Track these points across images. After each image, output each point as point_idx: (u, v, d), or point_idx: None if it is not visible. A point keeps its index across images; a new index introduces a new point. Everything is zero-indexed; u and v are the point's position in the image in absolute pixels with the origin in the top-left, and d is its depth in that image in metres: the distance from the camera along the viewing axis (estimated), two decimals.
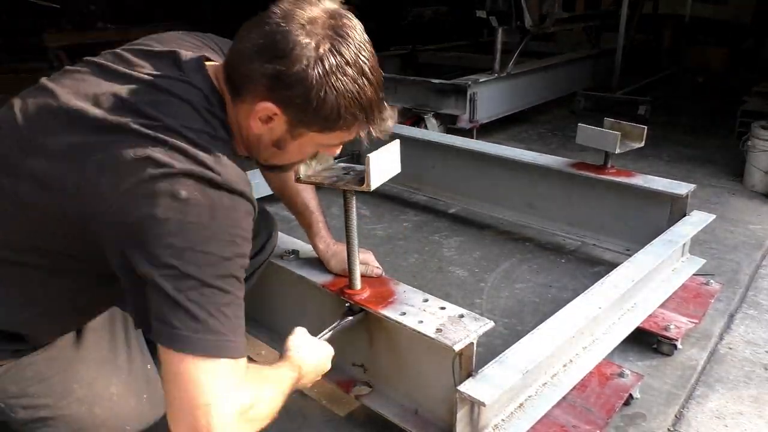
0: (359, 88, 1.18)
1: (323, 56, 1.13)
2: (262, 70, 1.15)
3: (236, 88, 1.22)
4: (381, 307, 1.78)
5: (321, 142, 1.29)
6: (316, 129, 1.22)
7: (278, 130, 1.23)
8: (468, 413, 1.71)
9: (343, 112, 1.18)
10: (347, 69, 1.16)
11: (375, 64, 1.22)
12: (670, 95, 6.93)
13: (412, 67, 6.86)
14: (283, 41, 1.13)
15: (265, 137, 1.26)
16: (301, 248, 2.14)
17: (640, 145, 2.90)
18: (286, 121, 1.21)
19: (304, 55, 1.12)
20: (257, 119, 1.21)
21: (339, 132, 1.24)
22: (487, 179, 3.45)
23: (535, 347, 1.82)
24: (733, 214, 3.72)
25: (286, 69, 1.13)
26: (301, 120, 1.20)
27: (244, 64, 1.18)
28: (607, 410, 1.91)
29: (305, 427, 2.06)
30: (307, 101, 1.16)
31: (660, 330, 2.34)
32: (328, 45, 1.14)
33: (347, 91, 1.16)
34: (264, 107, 1.18)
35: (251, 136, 1.26)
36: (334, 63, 1.14)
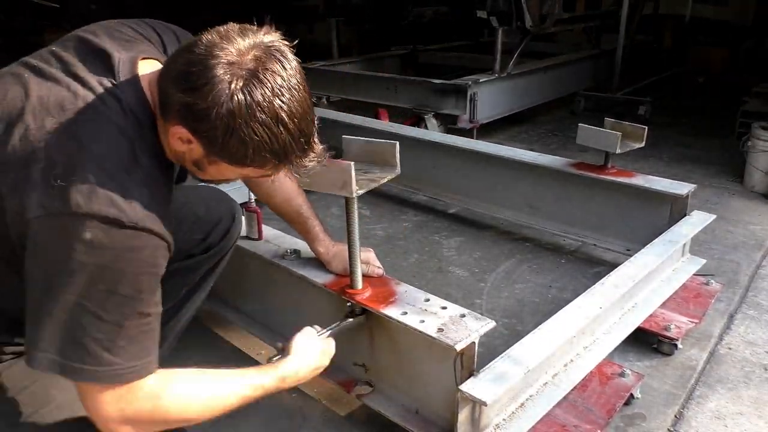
0: (270, 135, 1.14)
1: (233, 96, 1.10)
2: (177, 98, 1.14)
3: (161, 106, 1.21)
4: (382, 306, 1.78)
5: (239, 173, 1.28)
6: (226, 161, 1.21)
7: (195, 153, 1.22)
8: (469, 413, 1.72)
9: (251, 154, 1.16)
10: (258, 113, 1.11)
11: (297, 108, 1.16)
12: (671, 96, 6.94)
13: (412, 67, 6.87)
14: (199, 74, 1.11)
15: (186, 156, 1.24)
16: (302, 248, 2.14)
17: (641, 145, 2.90)
18: (201, 146, 1.19)
19: (214, 93, 1.10)
20: (176, 138, 1.20)
21: (251, 169, 1.23)
22: (487, 179, 3.45)
23: (536, 347, 1.82)
24: (733, 214, 3.72)
25: (195, 103, 1.11)
26: (211, 151, 1.19)
27: (166, 87, 1.17)
28: (607, 410, 1.92)
29: (305, 427, 2.06)
30: (213, 137, 1.14)
31: (660, 330, 2.34)
32: (241, 85, 1.10)
33: (256, 135, 1.13)
34: (179, 131, 1.17)
35: (175, 152, 1.25)
36: (243, 104, 1.10)
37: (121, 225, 1.11)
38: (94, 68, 1.24)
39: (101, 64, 1.25)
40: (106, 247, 1.11)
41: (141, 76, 1.26)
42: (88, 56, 1.26)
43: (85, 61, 1.25)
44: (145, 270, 1.16)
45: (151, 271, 1.18)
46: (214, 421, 2.03)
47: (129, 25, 1.40)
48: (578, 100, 6.28)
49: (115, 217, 1.11)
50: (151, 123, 1.24)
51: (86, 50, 1.27)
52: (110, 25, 1.38)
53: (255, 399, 1.45)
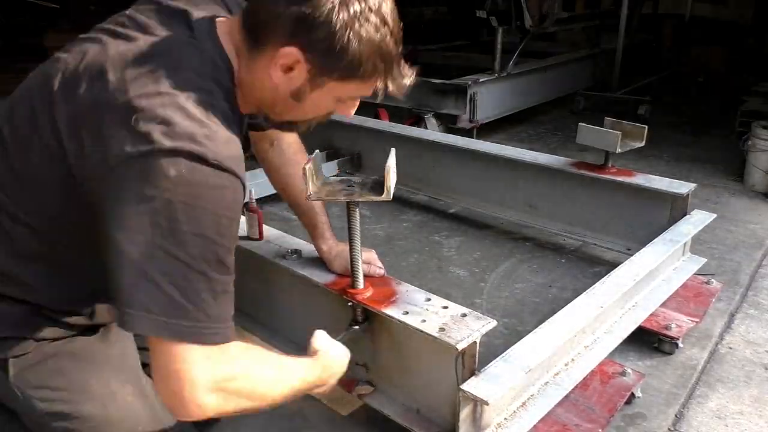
0: (381, 37, 1.17)
1: (348, 1, 1.12)
2: (287, 12, 1.13)
3: (256, 35, 1.20)
4: (384, 306, 1.78)
5: (339, 95, 1.26)
6: (336, 77, 1.20)
7: (298, 79, 1.21)
8: (471, 412, 1.72)
9: (365, 60, 1.17)
10: (371, 16, 1.14)
11: (396, 17, 1.21)
12: (670, 95, 6.94)
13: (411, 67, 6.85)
14: None
15: (283, 88, 1.23)
16: (303, 248, 2.14)
17: (641, 144, 2.90)
18: (307, 70, 1.19)
19: None
20: (278, 68, 1.19)
21: (358, 82, 1.22)
22: (487, 179, 3.46)
23: (537, 346, 1.82)
24: (733, 213, 3.73)
25: (311, 12, 1.12)
26: (323, 66, 1.18)
27: (265, 7, 1.17)
28: (609, 409, 1.92)
29: (305, 427, 2.06)
30: (330, 45, 1.14)
31: (661, 329, 2.35)
32: None
33: (370, 38, 1.15)
34: (286, 53, 1.16)
35: (267, 89, 1.24)
36: (358, 9, 1.13)
37: (206, 162, 1.08)
38: (170, 25, 1.24)
39: (178, 22, 1.25)
40: (192, 183, 1.07)
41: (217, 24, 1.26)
42: (164, 16, 1.26)
43: (161, 21, 1.25)
44: (225, 212, 1.12)
45: (230, 215, 1.14)
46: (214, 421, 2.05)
47: None
48: (578, 100, 6.28)
49: (201, 154, 1.08)
50: (229, 73, 1.23)
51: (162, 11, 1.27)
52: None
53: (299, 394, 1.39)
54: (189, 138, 1.08)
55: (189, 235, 1.07)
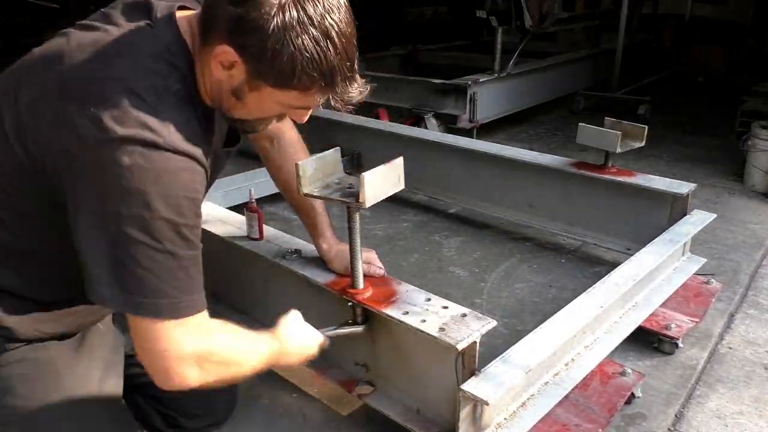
0: (320, 50, 1.13)
1: (285, 8, 1.10)
2: (226, 12, 1.13)
3: (203, 30, 1.21)
4: (384, 306, 1.78)
5: (280, 101, 1.24)
6: (271, 83, 1.18)
7: (237, 78, 1.20)
8: (471, 412, 1.72)
9: (299, 71, 1.14)
10: (310, 28, 1.11)
11: (345, 30, 1.16)
12: (670, 95, 6.94)
13: (412, 67, 6.87)
14: None
15: (225, 84, 1.23)
16: (303, 248, 2.14)
17: (641, 144, 2.90)
18: (244, 70, 1.18)
19: (267, 4, 1.10)
20: (218, 63, 1.19)
21: (296, 92, 1.19)
22: (487, 179, 3.45)
23: (537, 346, 1.82)
24: (733, 213, 3.73)
25: (246, 14, 1.10)
26: (257, 70, 1.17)
27: (213, 5, 1.17)
28: (609, 409, 1.92)
29: (305, 427, 2.06)
30: (262, 50, 1.12)
31: (661, 329, 2.35)
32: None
33: (305, 49, 1.12)
34: (223, 50, 1.16)
35: (213, 83, 1.25)
36: (295, 17, 1.10)
37: (158, 147, 1.11)
38: (131, 16, 1.26)
39: (140, 12, 1.26)
40: (145, 169, 1.10)
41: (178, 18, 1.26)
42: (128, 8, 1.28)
43: (124, 12, 1.27)
44: (184, 193, 1.15)
45: (190, 196, 1.16)
46: None
47: None
48: (578, 100, 6.29)
49: (152, 140, 1.10)
50: (186, 60, 1.24)
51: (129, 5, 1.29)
52: None
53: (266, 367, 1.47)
54: (141, 124, 1.11)
55: (151, 220, 1.11)
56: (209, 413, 1.90)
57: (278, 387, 2.19)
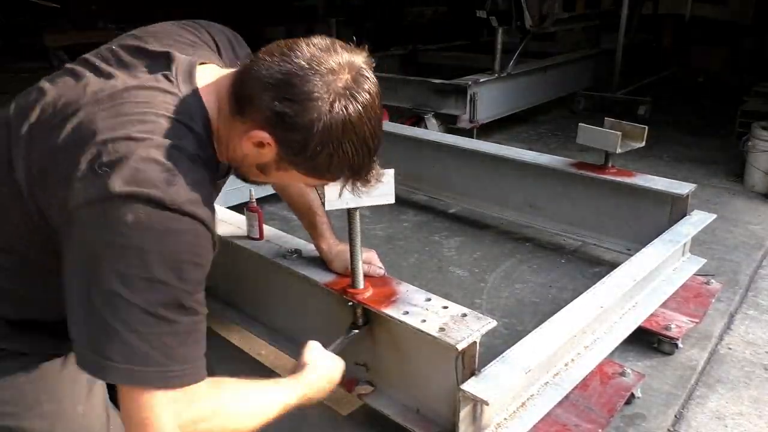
0: (355, 152, 1.16)
1: (333, 114, 1.11)
2: (271, 105, 1.12)
3: (240, 105, 1.19)
4: (384, 306, 1.78)
5: (303, 180, 1.28)
6: (302, 171, 1.21)
7: (266, 157, 1.20)
8: (471, 412, 1.72)
9: (333, 169, 1.18)
10: (350, 133, 1.14)
11: (378, 130, 1.20)
12: (670, 95, 6.94)
13: (412, 67, 6.87)
14: (301, 86, 1.11)
15: (251, 158, 1.23)
16: (303, 248, 2.14)
17: (641, 144, 2.90)
18: (276, 153, 1.18)
19: (316, 108, 1.10)
20: (249, 142, 1.18)
21: (323, 180, 1.26)
22: (487, 179, 3.46)
23: (537, 346, 1.82)
24: (733, 214, 3.73)
25: (294, 114, 1.11)
26: (290, 160, 1.18)
27: (254, 89, 1.15)
28: (608, 409, 1.92)
29: (305, 427, 2.06)
30: (303, 149, 1.14)
31: (661, 329, 2.35)
32: (342, 105, 1.12)
33: (344, 152, 1.15)
34: (260, 136, 1.15)
35: (238, 153, 1.23)
36: (340, 122, 1.12)
37: (163, 206, 1.07)
38: (152, 68, 1.23)
39: (159, 64, 1.24)
40: (148, 228, 1.06)
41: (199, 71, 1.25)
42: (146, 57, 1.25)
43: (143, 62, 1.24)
44: (186, 257, 1.11)
45: (193, 260, 1.12)
46: None
47: (186, 27, 1.39)
48: (578, 100, 6.29)
49: (158, 198, 1.07)
50: (202, 116, 1.22)
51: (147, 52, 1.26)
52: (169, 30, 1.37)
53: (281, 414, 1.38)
54: (147, 183, 1.07)
55: (146, 282, 1.06)
56: None
57: None
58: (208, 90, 1.23)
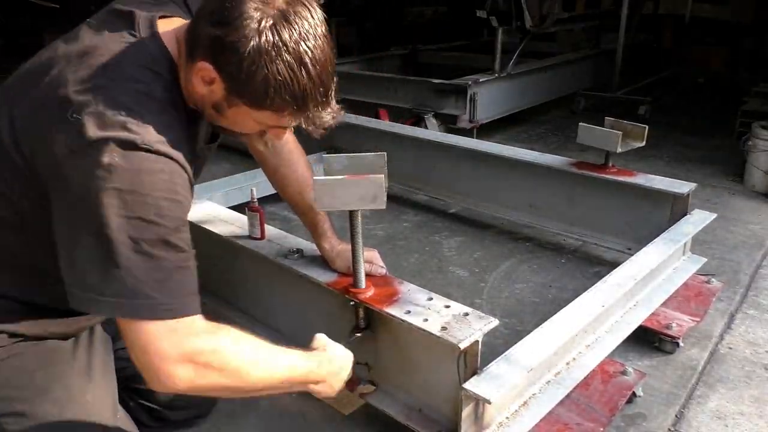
0: (292, 75, 1.17)
1: (262, 33, 1.14)
2: (207, 31, 1.18)
3: (189, 46, 1.25)
4: (386, 305, 1.78)
5: (256, 119, 1.29)
6: (247, 102, 1.23)
7: (217, 93, 1.24)
8: (473, 411, 1.72)
9: (272, 93, 1.19)
10: (284, 54, 1.16)
11: (320, 57, 1.20)
12: (670, 95, 6.94)
13: (412, 67, 6.87)
14: (232, 9, 1.15)
15: (206, 98, 1.27)
16: (305, 247, 2.14)
17: (641, 144, 2.91)
18: (223, 88, 1.22)
19: (246, 27, 1.14)
20: (200, 79, 1.23)
21: (269, 112, 1.24)
22: (487, 179, 3.46)
23: (539, 345, 1.83)
24: (733, 214, 3.73)
25: (225, 35, 1.16)
26: (234, 89, 1.21)
27: (197, 23, 1.22)
28: (610, 408, 1.92)
29: (305, 427, 2.06)
30: (238, 71, 1.17)
31: (662, 328, 2.35)
32: (271, 23, 1.15)
33: (278, 73, 1.16)
34: (203, 66, 1.20)
35: (196, 95, 1.28)
36: (270, 42, 1.15)
37: (135, 146, 1.14)
38: (115, 26, 1.30)
39: (123, 21, 1.30)
40: (123, 169, 1.12)
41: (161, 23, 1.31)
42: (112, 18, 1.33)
43: (109, 22, 1.32)
44: (163, 195, 1.17)
45: (170, 198, 1.18)
46: (217, 419, 2.06)
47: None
48: (578, 100, 6.29)
49: (130, 139, 1.13)
50: (169, 67, 1.28)
51: (113, 15, 1.34)
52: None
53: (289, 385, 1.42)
54: (119, 126, 1.14)
55: (129, 220, 1.13)
56: (192, 404, 1.90)
57: None
58: (168, 37, 1.30)
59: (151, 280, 1.15)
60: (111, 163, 1.12)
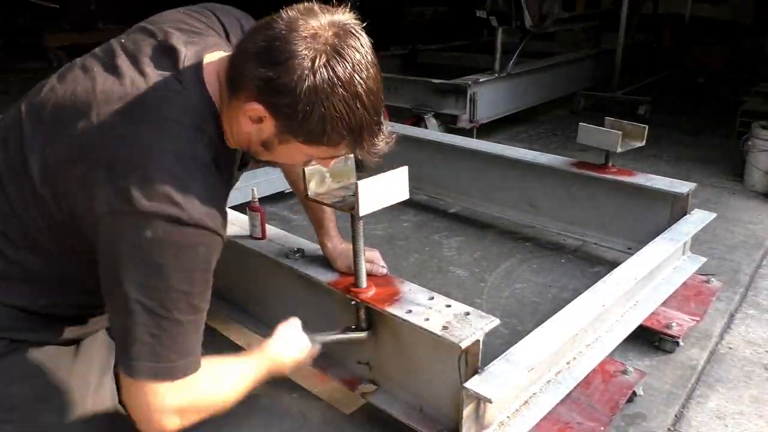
0: (349, 110, 1.16)
1: (317, 72, 1.11)
2: (256, 73, 1.15)
3: (233, 84, 1.22)
4: (387, 305, 1.78)
5: (308, 153, 1.28)
6: (301, 140, 1.21)
7: (266, 132, 1.23)
8: (474, 410, 1.72)
9: (329, 130, 1.17)
10: (338, 89, 1.13)
11: (373, 86, 1.20)
12: (670, 95, 6.95)
13: (412, 67, 6.87)
14: (281, 49, 1.12)
15: (254, 136, 1.26)
16: (306, 247, 2.15)
17: (641, 144, 2.91)
18: (274, 125, 1.20)
19: (298, 67, 1.11)
20: (247, 118, 1.21)
21: (325, 147, 1.23)
22: (487, 179, 3.46)
23: (540, 345, 1.83)
24: (733, 214, 3.73)
25: (277, 77, 1.13)
26: (287, 128, 1.19)
27: (242, 63, 1.19)
28: (611, 407, 1.93)
29: (305, 427, 2.06)
30: (293, 111, 1.15)
31: (662, 327, 2.35)
32: (324, 61, 1.12)
33: (336, 110, 1.15)
34: (253, 108, 1.18)
35: (242, 134, 1.27)
36: (326, 79, 1.12)
37: (181, 223, 1.14)
38: (159, 63, 1.26)
39: (168, 59, 1.27)
40: (166, 244, 1.14)
41: (205, 65, 1.27)
42: (155, 51, 1.28)
43: (151, 57, 1.27)
44: (199, 267, 1.19)
45: (204, 268, 1.20)
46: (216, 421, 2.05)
47: (193, 14, 1.41)
48: (578, 100, 6.29)
49: (176, 216, 1.13)
50: (212, 113, 1.26)
51: (154, 45, 1.30)
52: (177, 18, 1.39)
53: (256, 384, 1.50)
54: (166, 199, 1.13)
55: (164, 292, 1.15)
56: None
57: (278, 387, 2.20)
58: (212, 83, 1.27)
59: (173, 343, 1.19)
60: (154, 238, 1.12)
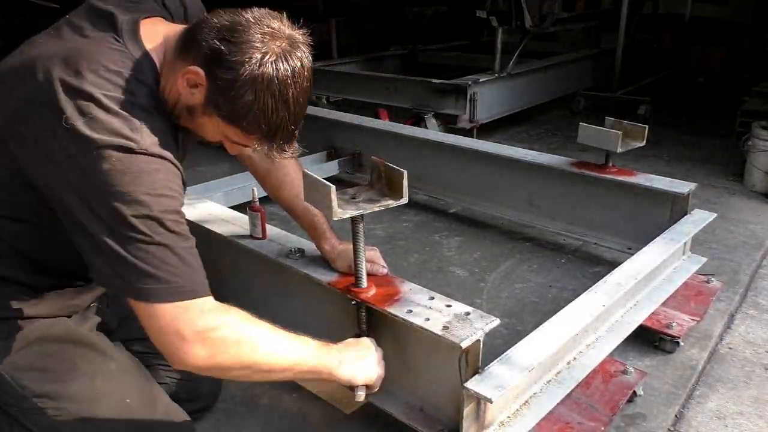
0: (275, 109, 1.29)
1: (263, 64, 1.25)
2: (212, 43, 1.26)
3: (185, 44, 1.33)
4: (387, 305, 1.78)
5: (223, 132, 1.38)
6: (222, 115, 1.32)
7: (196, 99, 1.32)
8: (474, 410, 1.72)
9: (250, 117, 1.29)
10: (274, 87, 1.27)
11: (302, 99, 1.33)
12: (670, 95, 6.95)
13: (412, 67, 6.88)
14: (241, 32, 1.25)
15: (183, 98, 1.34)
16: (306, 247, 2.14)
17: (641, 144, 2.91)
18: (204, 95, 1.31)
19: (250, 54, 1.24)
20: (185, 80, 1.30)
21: (240, 132, 1.35)
22: (487, 179, 3.46)
23: (540, 345, 1.83)
24: (733, 214, 3.73)
25: (228, 53, 1.25)
26: (215, 101, 1.30)
27: (201, 31, 1.29)
28: (611, 407, 1.93)
29: (306, 427, 2.06)
30: (228, 88, 1.26)
31: (662, 327, 2.35)
32: (273, 59, 1.26)
33: (263, 103, 1.28)
34: (194, 71, 1.28)
35: (174, 92, 1.35)
36: (268, 75, 1.26)
37: (134, 151, 1.23)
38: (99, 26, 1.36)
39: (106, 23, 1.37)
40: (124, 172, 1.21)
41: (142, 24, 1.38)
42: (95, 18, 1.38)
43: (92, 23, 1.37)
44: (164, 192, 1.26)
45: (169, 194, 1.27)
46: (217, 419, 2.06)
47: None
48: (578, 100, 6.29)
49: (128, 146, 1.22)
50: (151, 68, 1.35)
51: (94, 14, 1.39)
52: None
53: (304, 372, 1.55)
54: (115, 133, 1.22)
55: (136, 218, 1.22)
56: (195, 398, 1.96)
57: (278, 387, 2.20)
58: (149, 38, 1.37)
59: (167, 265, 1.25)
60: (110, 168, 1.20)
